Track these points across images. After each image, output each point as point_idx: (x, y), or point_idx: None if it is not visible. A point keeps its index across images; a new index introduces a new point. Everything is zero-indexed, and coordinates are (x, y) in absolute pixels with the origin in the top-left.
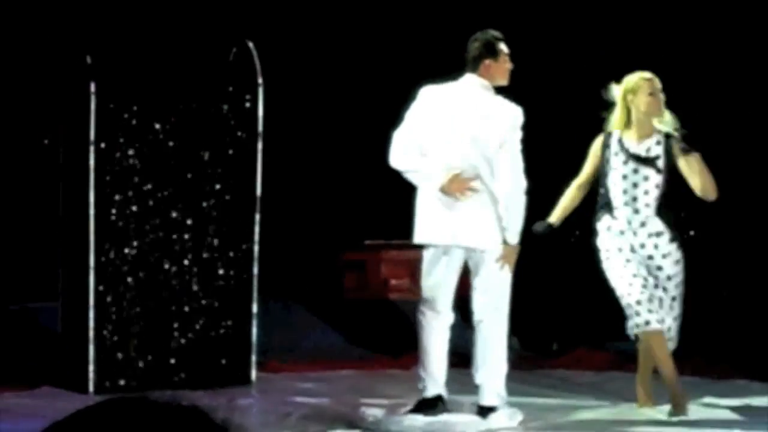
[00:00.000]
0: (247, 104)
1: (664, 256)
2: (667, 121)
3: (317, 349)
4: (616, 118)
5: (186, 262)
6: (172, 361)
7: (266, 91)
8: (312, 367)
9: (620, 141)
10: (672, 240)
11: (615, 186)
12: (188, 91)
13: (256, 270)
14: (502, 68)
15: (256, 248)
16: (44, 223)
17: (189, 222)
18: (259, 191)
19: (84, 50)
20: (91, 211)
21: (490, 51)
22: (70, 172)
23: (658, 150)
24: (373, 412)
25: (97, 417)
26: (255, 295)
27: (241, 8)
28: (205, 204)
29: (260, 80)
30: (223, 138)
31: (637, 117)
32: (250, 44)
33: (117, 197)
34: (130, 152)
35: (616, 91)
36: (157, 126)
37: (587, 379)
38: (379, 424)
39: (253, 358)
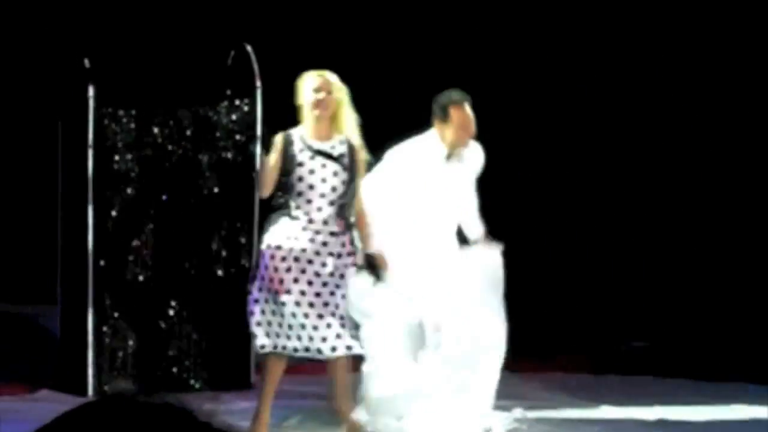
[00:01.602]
0: (246, 107)
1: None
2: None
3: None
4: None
5: (185, 265)
6: (171, 364)
7: (264, 95)
8: (311, 370)
9: (302, 138)
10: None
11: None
12: (186, 94)
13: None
14: (456, 134)
15: (255, 251)
16: (43, 227)
17: (187, 225)
18: (257, 195)
19: (82, 53)
20: (90, 215)
21: (443, 115)
22: (69, 176)
23: (342, 149)
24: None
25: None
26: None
27: (239, 11)
28: (203, 207)
29: (258, 83)
30: (221, 141)
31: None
32: (248, 47)
33: (115, 200)
34: (128, 156)
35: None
36: (155, 129)
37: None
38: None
39: (253, 361)
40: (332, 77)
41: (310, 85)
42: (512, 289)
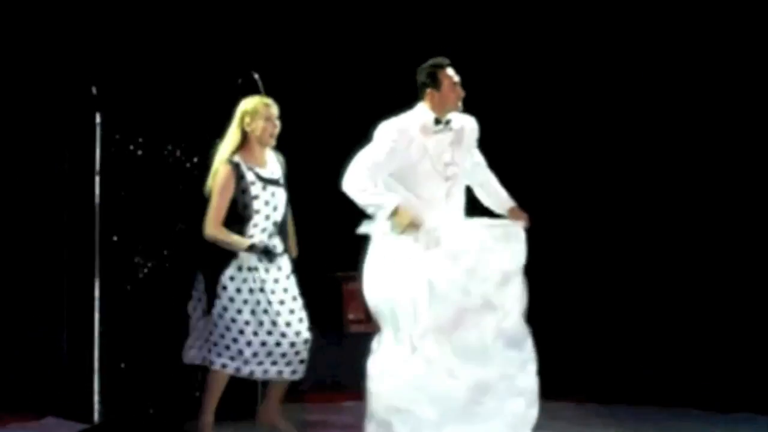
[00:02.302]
0: None
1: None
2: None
3: (320, 380)
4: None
5: (193, 292)
6: (177, 393)
7: None
8: (315, 399)
9: (250, 168)
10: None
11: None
12: (194, 121)
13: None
14: (447, 97)
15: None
16: (49, 252)
17: (194, 254)
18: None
19: (89, 81)
20: (96, 241)
21: (432, 80)
22: (76, 203)
23: (278, 170)
24: None
25: None
26: None
27: (246, 39)
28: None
29: None
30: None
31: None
32: (256, 75)
33: (122, 227)
34: (136, 183)
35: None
36: (163, 157)
37: None
38: None
39: (259, 390)
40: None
41: (262, 114)
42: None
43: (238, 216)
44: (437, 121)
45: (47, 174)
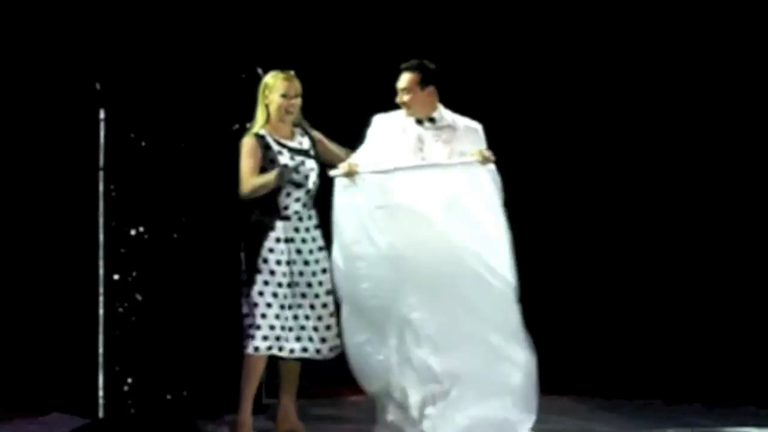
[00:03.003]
0: None
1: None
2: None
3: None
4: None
5: (196, 288)
6: (182, 387)
7: None
8: (322, 393)
9: (275, 140)
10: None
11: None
12: (198, 117)
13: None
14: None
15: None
16: (53, 249)
17: (199, 249)
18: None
19: (93, 77)
20: (101, 237)
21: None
22: (79, 199)
23: (306, 142)
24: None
25: None
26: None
27: (249, 33)
28: (215, 231)
29: None
30: (233, 164)
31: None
32: (260, 70)
33: (126, 223)
34: (139, 179)
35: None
36: (167, 152)
37: None
38: None
39: (264, 383)
40: (297, 81)
41: (279, 89)
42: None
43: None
44: (419, 121)
45: (51, 170)
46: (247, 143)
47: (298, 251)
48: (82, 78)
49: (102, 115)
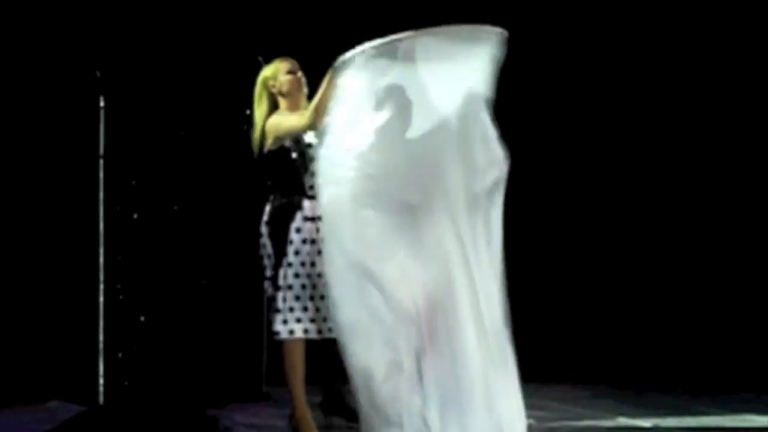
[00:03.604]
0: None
1: None
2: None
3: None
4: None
5: (197, 277)
6: (183, 376)
7: None
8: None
9: None
10: None
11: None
12: (198, 105)
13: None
14: None
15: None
16: (53, 237)
17: (199, 238)
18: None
19: (93, 64)
20: (101, 226)
21: None
22: (79, 186)
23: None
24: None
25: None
26: (265, 311)
27: (250, 22)
28: (215, 220)
29: None
30: (233, 153)
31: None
32: (260, 58)
33: (126, 212)
34: (140, 167)
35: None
36: (167, 141)
37: None
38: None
39: (264, 372)
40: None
41: (282, 70)
42: (527, 303)
43: (295, 167)
44: None
45: (51, 158)
46: (276, 115)
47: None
48: (82, 66)
49: (102, 102)
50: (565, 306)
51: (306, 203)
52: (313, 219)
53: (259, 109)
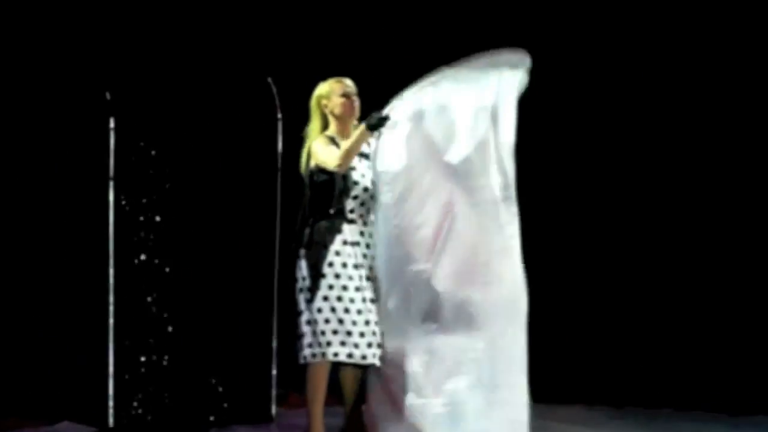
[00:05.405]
0: (266, 140)
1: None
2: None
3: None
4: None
5: (205, 298)
6: (192, 397)
7: (285, 127)
8: (331, 401)
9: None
10: None
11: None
12: (207, 126)
13: (275, 306)
14: None
15: (275, 284)
16: (63, 257)
17: (209, 259)
18: (278, 228)
19: (103, 86)
20: (111, 247)
21: None
22: (89, 208)
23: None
24: None
25: None
26: (275, 330)
27: (259, 43)
28: (224, 240)
29: (279, 115)
30: (242, 174)
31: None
32: (269, 80)
33: (137, 233)
34: (150, 187)
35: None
36: (176, 162)
37: None
38: None
39: (274, 393)
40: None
41: (337, 91)
42: (539, 324)
43: (336, 189)
44: None
45: (61, 179)
46: (321, 140)
47: (364, 255)
48: (92, 87)
49: (112, 124)
50: (577, 326)
51: (346, 227)
52: (354, 244)
53: (312, 124)
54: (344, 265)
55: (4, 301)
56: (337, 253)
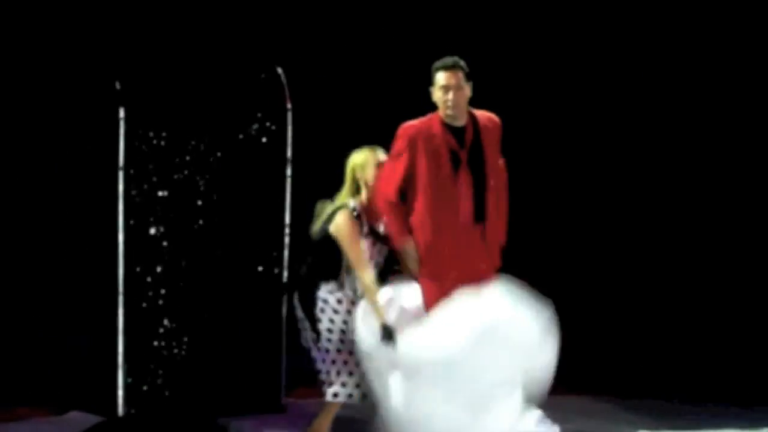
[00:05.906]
0: (276, 130)
1: None
2: None
3: None
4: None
5: (215, 288)
6: (202, 387)
7: (295, 117)
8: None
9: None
10: None
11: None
12: (217, 116)
13: (284, 295)
14: (437, 98)
15: (285, 274)
16: (73, 247)
17: (218, 250)
18: (288, 218)
19: (113, 76)
20: (120, 238)
21: (432, 83)
22: (99, 198)
23: None
24: None
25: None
26: (284, 320)
27: (269, 33)
28: (234, 231)
29: (289, 105)
30: (251, 164)
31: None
32: (279, 69)
33: (145, 224)
34: (159, 178)
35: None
36: (186, 152)
37: None
38: None
39: (283, 383)
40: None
41: (372, 163)
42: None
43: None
44: (450, 129)
45: (71, 169)
46: (346, 223)
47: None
48: (102, 77)
49: (122, 114)
50: (587, 318)
51: (347, 277)
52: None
53: (344, 189)
54: (339, 301)
55: (14, 292)
56: (330, 292)
